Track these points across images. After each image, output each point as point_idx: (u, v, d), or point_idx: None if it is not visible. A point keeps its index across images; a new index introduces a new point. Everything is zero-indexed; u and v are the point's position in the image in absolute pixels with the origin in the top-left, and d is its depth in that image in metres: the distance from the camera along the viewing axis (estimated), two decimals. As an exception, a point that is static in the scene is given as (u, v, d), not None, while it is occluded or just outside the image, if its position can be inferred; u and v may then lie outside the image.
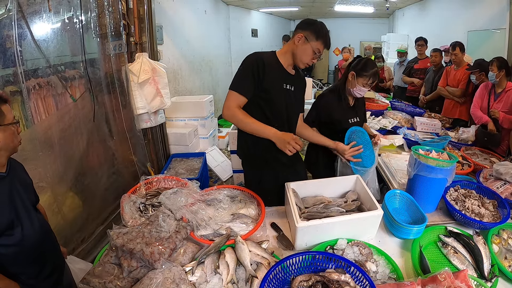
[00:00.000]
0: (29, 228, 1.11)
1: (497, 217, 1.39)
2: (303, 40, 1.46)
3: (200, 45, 5.25)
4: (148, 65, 2.63)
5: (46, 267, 1.21)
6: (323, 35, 1.46)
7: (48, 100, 1.88)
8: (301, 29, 1.48)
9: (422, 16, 6.44)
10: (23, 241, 1.09)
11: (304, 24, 1.49)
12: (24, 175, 1.21)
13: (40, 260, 1.19)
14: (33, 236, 1.13)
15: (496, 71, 2.43)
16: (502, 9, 3.80)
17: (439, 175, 1.40)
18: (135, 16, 2.67)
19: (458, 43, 3.19)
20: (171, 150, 3.41)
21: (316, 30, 1.45)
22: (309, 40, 1.45)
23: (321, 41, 1.46)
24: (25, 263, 1.14)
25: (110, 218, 2.38)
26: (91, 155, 2.27)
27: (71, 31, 2.06)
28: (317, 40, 1.45)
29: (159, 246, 1.11)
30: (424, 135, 2.60)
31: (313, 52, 1.47)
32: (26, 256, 1.13)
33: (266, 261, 1.14)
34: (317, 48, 1.46)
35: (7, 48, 1.59)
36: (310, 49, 1.46)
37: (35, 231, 1.14)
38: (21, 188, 1.13)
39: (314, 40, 1.45)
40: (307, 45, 1.46)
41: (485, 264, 1.15)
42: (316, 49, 1.47)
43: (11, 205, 1.07)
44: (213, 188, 1.53)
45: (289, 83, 1.56)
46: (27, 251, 1.12)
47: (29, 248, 1.13)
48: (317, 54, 1.49)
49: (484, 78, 2.77)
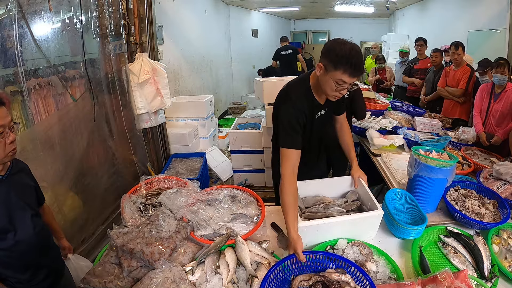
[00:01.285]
0: (23, 233, 1.09)
1: (497, 217, 1.39)
2: (323, 71, 1.26)
3: (200, 45, 5.25)
4: (148, 65, 2.63)
5: (40, 272, 1.19)
6: (343, 62, 1.19)
7: (48, 100, 1.88)
8: (322, 55, 1.28)
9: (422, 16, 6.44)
10: (15, 246, 1.07)
11: (325, 50, 1.26)
12: (26, 178, 1.20)
13: (34, 265, 1.16)
14: (27, 242, 1.11)
15: (507, 74, 2.42)
16: (502, 9, 3.80)
17: (439, 175, 1.40)
18: (135, 16, 2.67)
19: (460, 43, 3.19)
20: (171, 150, 3.41)
21: (334, 57, 1.20)
22: (328, 70, 1.24)
23: (342, 70, 1.20)
24: (17, 268, 1.11)
25: (110, 218, 2.38)
26: (91, 155, 2.27)
27: (72, 31, 2.06)
28: (336, 69, 1.21)
29: (159, 246, 1.11)
30: (424, 135, 2.59)
31: (335, 84, 1.25)
32: (19, 261, 1.11)
33: (266, 261, 1.14)
34: (339, 78, 1.22)
35: (8, 48, 1.60)
36: (331, 80, 1.25)
37: (29, 237, 1.11)
38: (20, 192, 1.11)
39: (332, 69, 1.22)
40: (327, 76, 1.25)
41: (485, 264, 1.15)
42: (337, 80, 1.23)
43: (5, 210, 1.04)
44: (213, 188, 1.53)
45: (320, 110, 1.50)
46: (20, 256, 1.10)
47: (22, 254, 1.10)
48: (341, 85, 1.25)
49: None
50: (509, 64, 2.43)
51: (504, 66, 2.42)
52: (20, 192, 1.12)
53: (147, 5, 2.72)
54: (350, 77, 1.22)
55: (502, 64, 2.43)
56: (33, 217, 1.15)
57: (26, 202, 1.14)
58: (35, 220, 1.16)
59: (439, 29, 5.51)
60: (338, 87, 1.25)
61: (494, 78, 2.48)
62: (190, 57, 4.87)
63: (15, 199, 1.09)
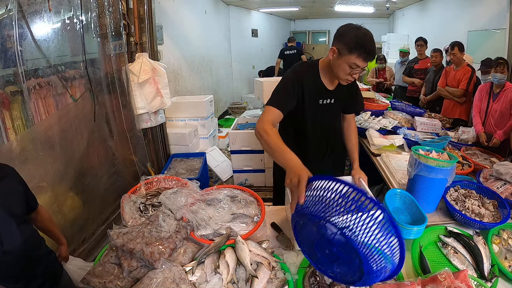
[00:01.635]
0: (10, 243, 1.05)
1: (497, 217, 1.39)
2: (336, 55, 1.31)
3: (200, 45, 5.25)
4: (148, 65, 2.63)
5: (33, 280, 1.16)
6: (358, 46, 1.25)
7: (48, 100, 1.88)
8: (335, 40, 1.33)
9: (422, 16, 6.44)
10: (3, 258, 1.04)
11: (338, 34, 1.32)
12: (12, 183, 1.14)
13: (25, 274, 1.13)
14: (16, 251, 1.07)
15: (506, 73, 2.43)
16: (502, 9, 3.80)
17: (439, 175, 1.40)
18: (135, 16, 2.67)
19: (456, 43, 3.19)
20: (171, 150, 3.41)
21: (348, 41, 1.26)
22: (341, 54, 1.29)
23: (357, 54, 1.25)
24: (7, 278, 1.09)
25: (110, 218, 2.39)
26: (91, 155, 2.27)
27: (72, 31, 2.06)
28: (351, 53, 1.26)
29: (159, 246, 1.11)
30: (424, 135, 2.59)
31: (348, 67, 1.30)
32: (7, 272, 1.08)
33: (266, 261, 1.14)
34: (353, 62, 1.27)
35: (8, 48, 1.60)
36: (344, 64, 1.30)
37: (17, 246, 1.08)
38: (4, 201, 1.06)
39: (347, 53, 1.27)
40: (341, 60, 1.30)
41: (485, 264, 1.15)
42: (351, 64, 1.28)
43: None
44: (213, 188, 1.53)
45: (326, 97, 1.50)
46: (9, 267, 1.07)
47: (11, 264, 1.07)
48: (354, 69, 1.30)
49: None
50: (507, 64, 2.43)
51: (504, 65, 2.43)
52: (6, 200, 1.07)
53: (147, 5, 2.72)
54: (363, 61, 1.27)
55: (502, 63, 2.43)
56: (19, 225, 1.11)
57: (11, 211, 1.09)
58: (22, 228, 1.12)
59: (439, 29, 5.51)
60: (351, 70, 1.30)
61: (494, 77, 2.48)
62: (190, 57, 4.88)
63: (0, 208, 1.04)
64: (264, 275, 1.08)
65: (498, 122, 2.50)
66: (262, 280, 1.06)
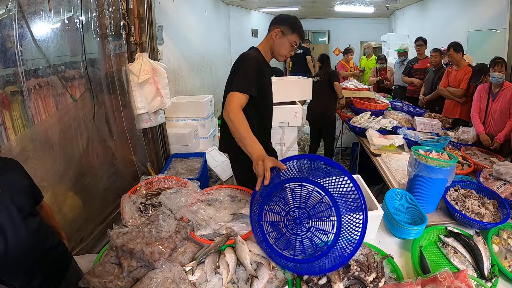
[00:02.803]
0: (14, 239, 1.05)
1: (497, 217, 1.39)
2: (280, 35, 1.57)
3: (200, 45, 5.25)
4: (148, 65, 2.63)
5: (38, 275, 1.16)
6: (298, 28, 1.58)
7: (48, 100, 1.88)
8: (277, 24, 1.58)
9: (422, 16, 6.44)
10: (7, 254, 1.03)
11: (279, 19, 1.60)
12: (17, 178, 1.14)
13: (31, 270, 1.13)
14: (20, 248, 1.07)
15: (505, 72, 2.43)
16: (502, 9, 3.80)
17: (439, 175, 1.40)
18: (135, 16, 2.67)
19: (452, 44, 3.20)
20: (171, 150, 3.41)
21: (291, 23, 1.56)
22: (285, 34, 1.56)
23: (297, 34, 1.58)
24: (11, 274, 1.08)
25: (109, 217, 2.38)
26: (91, 155, 2.27)
27: (71, 31, 2.06)
28: (293, 33, 1.57)
29: (159, 246, 1.11)
30: (424, 135, 2.60)
31: (290, 45, 1.59)
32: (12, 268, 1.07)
33: (266, 261, 1.14)
34: (294, 40, 1.58)
35: (8, 48, 1.59)
36: (287, 42, 1.58)
37: (22, 242, 1.07)
38: (9, 196, 1.06)
39: (290, 33, 1.56)
40: (284, 39, 1.57)
41: (485, 264, 1.15)
42: (292, 42, 1.58)
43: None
44: (213, 188, 1.53)
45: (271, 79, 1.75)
46: (13, 263, 1.06)
47: (16, 259, 1.07)
48: (294, 46, 1.61)
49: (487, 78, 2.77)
50: (505, 63, 2.43)
51: (502, 64, 2.42)
52: (11, 195, 1.07)
53: (147, 5, 2.71)
54: (299, 39, 1.61)
55: (500, 63, 2.43)
56: (25, 218, 1.11)
57: (19, 205, 1.09)
58: (28, 221, 1.12)
59: (439, 29, 5.52)
60: (292, 48, 1.60)
61: (492, 76, 2.48)
62: (190, 57, 4.87)
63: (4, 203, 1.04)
64: (264, 275, 1.08)
65: (498, 122, 2.50)
66: (262, 280, 1.06)
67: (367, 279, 1.04)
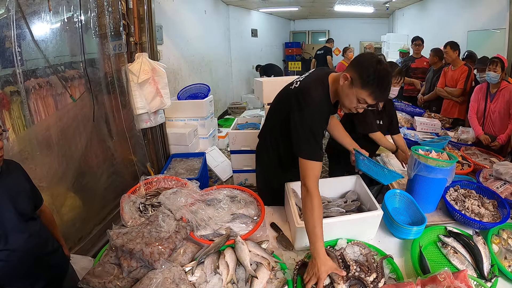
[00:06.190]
0: (16, 242, 1.04)
1: (497, 217, 1.39)
2: (348, 83, 1.17)
3: (200, 45, 5.25)
4: (148, 65, 2.63)
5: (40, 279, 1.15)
6: (373, 84, 1.12)
7: (47, 100, 1.88)
8: (353, 66, 1.17)
9: (422, 16, 6.44)
10: (9, 257, 1.03)
11: (355, 63, 1.18)
12: (19, 180, 1.13)
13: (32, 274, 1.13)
14: (22, 251, 1.07)
15: (500, 72, 2.42)
16: (502, 9, 3.80)
17: (439, 175, 1.40)
18: (135, 16, 2.66)
19: (449, 42, 3.22)
20: (171, 150, 3.41)
21: (365, 75, 1.12)
22: (354, 85, 1.15)
23: (369, 92, 1.13)
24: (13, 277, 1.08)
25: (108, 217, 2.38)
26: (90, 155, 2.27)
27: (71, 31, 2.06)
28: (363, 88, 1.13)
29: (159, 246, 1.11)
30: (424, 135, 2.60)
31: (356, 101, 1.18)
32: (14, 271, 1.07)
33: (266, 261, 1.14)
34: (362, 98, 1.15)
35: (7, 48, 1.59)
36: (353, 96, 1.17)
37: (24, 245, 1.07)
38: (11, 198, 1.05)
39: (359, 87, 1.14)
40: (350, 91, 1.17)
41: (485, 264, 1.15)
42: (360, 99, 1.16)
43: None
44: (213, 188, 1.53)
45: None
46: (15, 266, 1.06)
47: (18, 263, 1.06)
48: (361, 104, 1.19)
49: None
50: (502, 63, 2.42)
51: (497, 64, 2.41)
52: (13, 197, 1.06)
53: (146, 5, 2.71)
54: (373, 100, 1.16)
55: (495, 62, 2.42)
56: (26, 222, 1.10)
57: (20, 207, 1.09)
58: (28, 225, 1.11)
59: (439, 29, 5.51)
60: (358, 105, 1.19)
61: (487, 75, 2.48)
62: (189, 57, 4.87)
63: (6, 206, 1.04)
64: (264, 275, 1.08)
65: (497, 123, 2.49)
66: (262, 280, 1.06)
67: (367, 279, 1.05)
